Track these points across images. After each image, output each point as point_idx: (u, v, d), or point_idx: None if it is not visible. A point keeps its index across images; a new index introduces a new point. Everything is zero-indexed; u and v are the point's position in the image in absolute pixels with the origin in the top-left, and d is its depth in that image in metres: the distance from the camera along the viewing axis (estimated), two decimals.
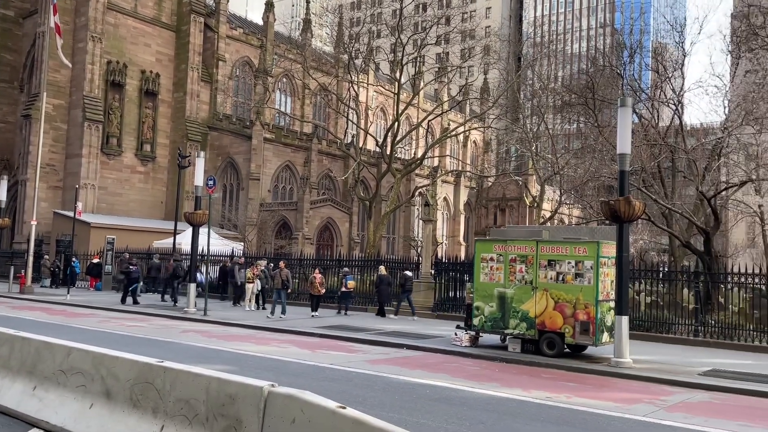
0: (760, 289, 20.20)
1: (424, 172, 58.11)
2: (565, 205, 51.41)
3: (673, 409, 9.41)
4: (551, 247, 14.17)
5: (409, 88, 50.16)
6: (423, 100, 63.80)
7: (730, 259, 51.32)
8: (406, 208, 55.73)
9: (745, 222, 54.60)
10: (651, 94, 31.46)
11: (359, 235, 51.07)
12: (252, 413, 5.12)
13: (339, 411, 4.58)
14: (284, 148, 51.57)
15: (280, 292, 20.79)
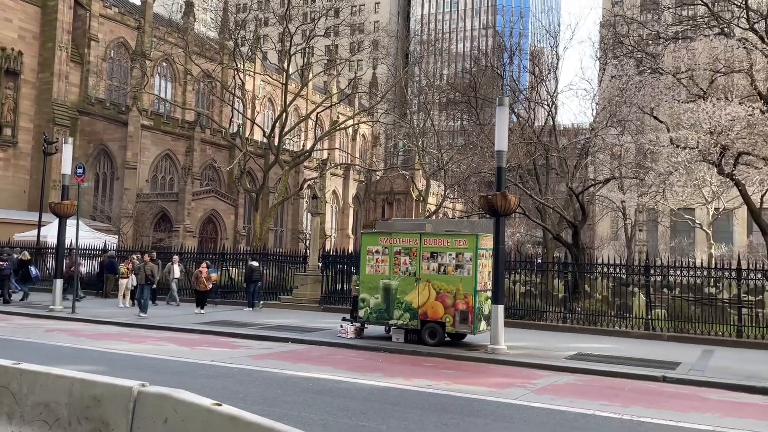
0: (621, 278, 22.06)
1: (313, 164, 57.77)
2: (449, 199, 53.25)
3: (541, 392, 10.03)
4: (434, 240, 14.59)
5: (297, 79, 49.55)
6: (312, 92, 63.30)
7: (596, 251, 55.51)
8: (294, 201, 55.14)
9: (609, 216, 59.32)
10: (528, 94, 33.29)
11: (245, 228, 49.86)
12: (120, 415, 4.85)
13: (214, 408, 4.44)
14: (164, 136, 49.08)
15: (144, 288, 19.57)
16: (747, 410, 9.31)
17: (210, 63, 49.04)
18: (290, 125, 43.53)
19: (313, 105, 51.26)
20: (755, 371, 12.14)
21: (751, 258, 36.43)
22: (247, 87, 50.07)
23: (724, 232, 64.48)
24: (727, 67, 24.93)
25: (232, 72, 44.23)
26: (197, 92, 56.24)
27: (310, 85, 55.61)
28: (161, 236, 42.76)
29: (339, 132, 59.62)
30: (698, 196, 42.96)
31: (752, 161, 23.48)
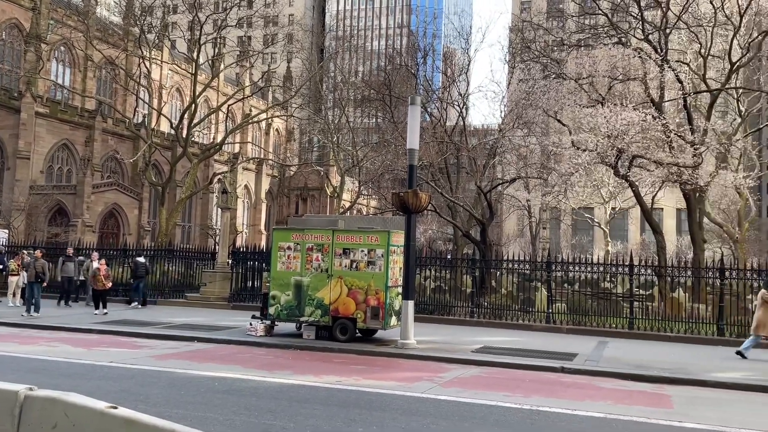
0: (525, 274, 22.98)
1: (224, 158, 56.22)
2: (364, 196, 53.48)
3: (448, 385, 10.27)
4: (346, 236, 14.59)
5: (208, 70, 48.00)
6: (223, 84, 61.54)
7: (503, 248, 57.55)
8: (203, 195, 53.47)
9: (516, 214, 61.71)
10: (441, 94, 33.98)
11: (150, 223, 47.83)
12: (5, 421, 4.53)
13: (109, 411, 4.22)
14: (61, 125, 46.17)
15: (33, 286, 18.26)
16: (636, 397, 9.95)
17: (113, 49, 46.47)
18: (200, 117, 42.11)
19: (225, 97, 49.84)
20: (644, 361, 13.01)
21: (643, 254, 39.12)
22: (154, 76, 48.08)
23: (620, 230, 68.76)
24: (624, 74, 26.50)
25: (138, 60, 42.23)
26: (99, 80, 53.26)
27: (221, 76, 54.04)
28: (57, 231, 40.23)
29: (251, 125, 58.40)
30: (597, 196, 45.55)
31: (645, 164, 25.10)
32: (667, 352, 14.73)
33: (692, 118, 25.23)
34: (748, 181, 30.22)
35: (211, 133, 55.20)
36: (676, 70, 24.64)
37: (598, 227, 54.19)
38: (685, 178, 22.93)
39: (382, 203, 39.96)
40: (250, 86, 48.45)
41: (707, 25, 24.56)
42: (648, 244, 52.64)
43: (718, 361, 13.65)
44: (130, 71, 44.33)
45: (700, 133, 24.29)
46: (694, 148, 23.22)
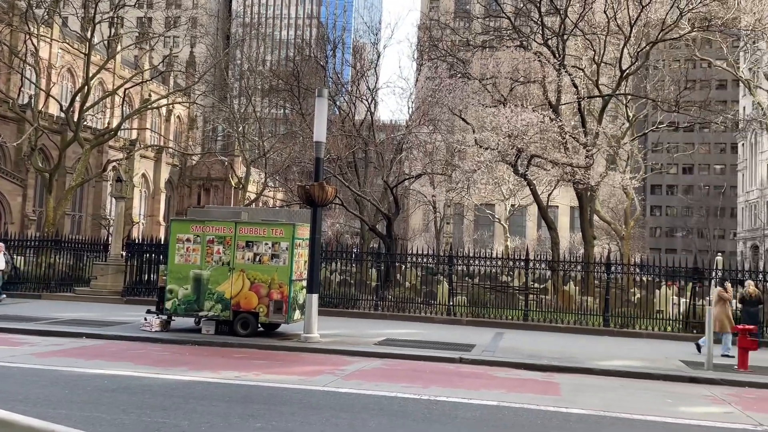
0: (430, 268, 23.48)
1: (120, 144, 53.31)
2: (270, 188, 52.57)
3: (350, 377, 10.30)
4: (250, 229, 14.26)
5: (103, 51, 45.25)
6: (120, 66, 58.27)
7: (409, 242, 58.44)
8: (96, 184, 50.46)
9: (421, 209, 62.84)
10: (350, 88, 33.95)
11: (36, 212, 44.58)
12: None
13: None
14: None
15: None
16: (528, 385, 10.41)
17: None
18: (94, 100, 39.64)
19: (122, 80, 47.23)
20: (537, 351, 13.65)
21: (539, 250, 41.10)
22: (42, 54, 44.71)
23: (518, 226, 71.81)
24: (524, 77, 27.64)
25: (24, 36, 39.09)
26: None
27: (118, 58, 51.17)
28: None
29: (151, 111, 55.72)
30: (498, 193, 47.31)
31: (542, 163, 26.33)
32: (557, 342, 15.53)
33: (585, 121, 26.72)
34: (634, 182, 32.41)
35: (106, 118, 52.10)
36: (572, 75, 26.00)
37: (499, 223, 56.34)
38: (578, 177, 24.27)
39: (289, 196, 39.42)
40: (149, 70, 46.07)
41: (601, 34, 26.04)
42: (544, 239, 55.29)
43: (603, 350, 14.55)
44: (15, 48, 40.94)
45: (593, 136, 25.77)
46: (587, 149, 24.62)
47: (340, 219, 53.72)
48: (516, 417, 8.09)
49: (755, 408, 9.43)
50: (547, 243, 35.44)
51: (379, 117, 45.25)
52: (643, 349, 14.99)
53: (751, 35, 32.58)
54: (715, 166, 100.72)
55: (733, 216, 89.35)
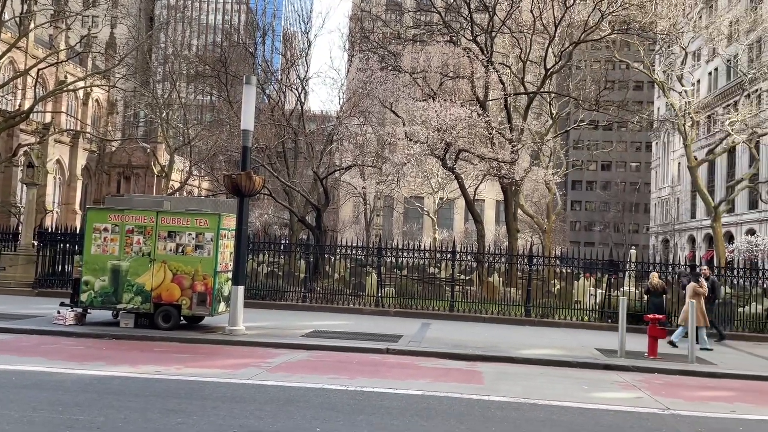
0: (359, 260, 23.51)
1: (32, 128, 50.21)
2: (195, 177, 51.07)
3: (275, 370, 10.17)
4: (172, 219, 13.79)
5: (14, 28, 42.44)
6: (34, 45, 54.82)
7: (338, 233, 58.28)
8: (5, 169, 47.35)
9: (352, 201, 62.83)
10: (280, 77, 33.41)
11: None
12: None
13: None
14: None
15: None
16: (452, 375, 10.62)
17: None
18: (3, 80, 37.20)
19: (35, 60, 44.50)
20: (462, 340, 13.94)
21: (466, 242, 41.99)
22: None
23: (446, 218, 73.13)
24: (454, 72, 28.06)
25: None
26: None
27: (30, 36, 48.13)
28: None
29: (67, 94, 52.73)
30: (427, 186, 47.96)
31: (470, 158, 26.87)
32: (482, 332, 15.92)
33: (511, 118, 27.44)
34: (556, 178, 33.64)
35: (17, 100, 48.96)
36: (500, 71, 26.61)
37: (428, 216, 57.13)
38: (504, 172, 24.94)
39: (215, 185, 38.46)
40: (65, 50, 43.59)
41: (527, 33, 26.78)
42: (471, 232, 56.53)
43: (525, 339, 15.02)
44: None
45: (518, 132, 26.52)
46: (512, 145, 25.31)
47: (269, 210, 52.93)
48: (440, 405, 8.23)
49: (663, 393, 10.00)
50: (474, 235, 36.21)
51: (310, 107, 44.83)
52: (561, 338, 15.61)
53: (666, 39, 34.40)
54: (631, 163, 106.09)
55: (647, 211, 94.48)
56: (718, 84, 63.79)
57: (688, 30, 37.11)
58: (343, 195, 57.08)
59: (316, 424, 7.00)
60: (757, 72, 35.63)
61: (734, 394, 10.42)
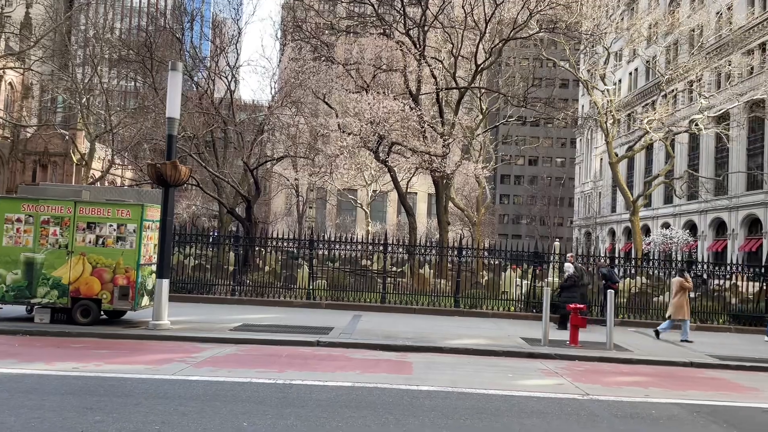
0: (292, 252, 23.25)
1: None
2: (118, 166, 49.00)
3: (201, 365, 9.91)
4: (92, 209, 13.17)
5: None
6: None
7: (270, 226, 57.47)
8: None
9: (284, 193, 62.06)
10: (209, 64, 32.47)
11: None
12: None
13: None
14: None
15: None
16: (382, 366, 10.68)
17: None
18: None
19: None
20: (392, 332, 14.04)
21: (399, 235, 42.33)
22: None
23: (379, 211, 73.46)
24: (387, 65, 28.13)
25: None
26: None
27: None
28: None
29: None
30: (360, 178, 47.95)
31: (402, 151, 27.04)
32: (412, 323, 16.09)
33: (443, 112, 27.79)
34: (486, 172, 34.31)
35: None
36: (432, 66, 26.88)
37: (361, 208, 57.19)
38: (435, 166, 25.25)
39: (140, 175, 36.98)
40: None
41: (459, 28, 27.15)
42: (403, 225, 57.01)
43: (454, 330, 15.29)
44: None
45: (449, 126, 26.90)
46: (444, 139, 25.65)
47: (197, 201, 51.52)
48: (369, 396, 8.25)
49: (583, 379, 10.42)
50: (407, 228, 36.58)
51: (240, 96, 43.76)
52: (489, 328, 15.99)
53: (590, 39, 35.73)
54: (557, 159, 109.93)
55: (571, 205, 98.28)
56: (638, 84, 66.98)
57: (611, 31, 38.69)
58: (274, 186, 56.28)
59: (244, 419, 6.87)
60: (673, 73, 37.58)
61: (648, 379, 10.99)
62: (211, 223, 52.52)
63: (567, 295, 16.50)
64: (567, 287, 16.74)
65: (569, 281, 16.78)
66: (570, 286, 16.71)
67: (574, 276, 16.95)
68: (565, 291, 16.71)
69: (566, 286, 16.78)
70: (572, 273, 17.02)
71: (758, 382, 11.19)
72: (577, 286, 16.94)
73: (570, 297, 16.34)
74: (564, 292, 16.71)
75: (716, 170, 52.88)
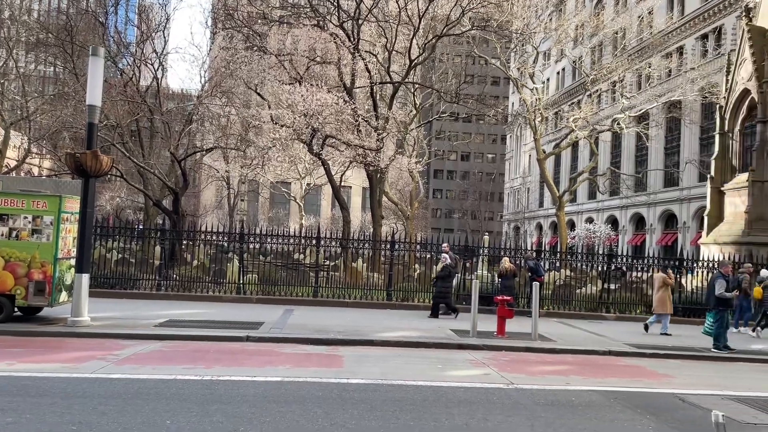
0: (222, 246, 22.74)
1: None
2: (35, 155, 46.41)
3: (124, 362, 9.55)
4: (4, 200, 12.43)
5: None
6: None
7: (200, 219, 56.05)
8: None
9: (215, 185, 60.64)
10: (134, 51, 31.22)
11: None
12: None
13: None
14: None
15: None
16: (313, 360, 10.62)
17: None
18: None
19: None
20: (324, 326, 13.98)
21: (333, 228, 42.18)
22: None
23: (314, 204, 73.02)
24: (321, 57, 27.89)
25: None
26: None
27: None
28: None
29: None
30: (294, 171, 47.45)
31: (336, 144, 26.89)
32: (345, 316, 16.08)
33: (377, 106, 27.84)
34: (419, 166, 34.71)
35: None
36: (366, 59, 26.85)
37: (294, 201, 56.66)
38: (369, 160, 25.29)
39: (58, 165, 35.21)
40: None
41: (393, 22, 27.24)
42: (337, 218, 56.93)
43: (386, 323, 15.39)
44: None
45: (383, 121, 26.97)
46: (378, 133, 25.71)
47: (122, 193, 49.58)
48: (299, 390, 8.19)
49: (508, 369, 10.71)
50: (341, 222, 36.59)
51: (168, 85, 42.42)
52: (420, 321, 16.19)
53: (521, 38, 36.65)
54: (488, 155, 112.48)
55: (501, 200, 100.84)
56: (565, 83, 69.38)
57: (540, 31, 39.83)
58: (204, 178, 54.89)
59: (167, 416, 6.66)
60: (597, 74, 39.10)
61: (569, 367, 11.42)
62: (137, 215, 50.68)
63: (442, 285, 16.87)
64: (443, 277, 16.99)
65: (445, 271, 17.01)
66: (446, 275, 16.99)
67: (449, 266, 17.26)
68: (441, 281, 17.00)
69: (442, 276, 17.01)
70: (449, 263, 17.33)
71: (671, 369, 11.84)
72: (452, 276, 17.32)
73: (446, 286, 16.79)
74: (440, 282, 17.01)
75: (636, 168, 55.53)
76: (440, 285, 17.02)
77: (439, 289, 17.05)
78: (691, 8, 49.06)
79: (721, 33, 45.45)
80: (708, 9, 46.86)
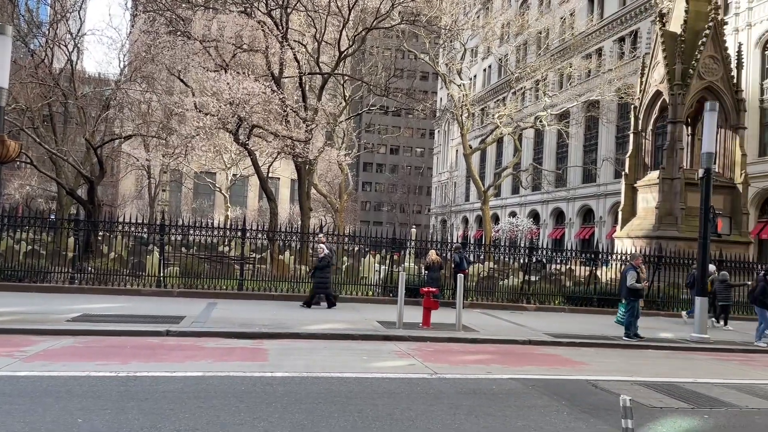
0: (142, 237, 21.86)
1: None
2: None
3: (32, 359, 9.02)
4: None
5: None
6: None
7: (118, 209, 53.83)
8: None
9: (134, 174, 58.29)
10: (47, 31, 29.46)
11: None
12: None
13: None
14: None
15: None
16: (236, 353, 10.40)
17: None
18: None
19: None
20: (249, 319, 13.72)
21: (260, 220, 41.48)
22: None
23: (240, 196, 71.59)
24: (249, 45, 27.23)
25: None
26: None
27: None
28: None
29: None
30: (219, 161, 46.31)
31: (264, 134, 26.39)
32: (271, 309, 15.85)
33: (306, 97, 27.52)
34: (348, 159, 34.65)
35: None
36: (295, 49, 26.46)
37: (220, 192, 55.28)
38: (298, 151, 24.97)
39: None
40: None
41: (322, 13, 26.96)
42: (265, 210, 56.00)
43: (312, 315, 15.29)
44: None
45: (312, 112, 26.70)
46: (307, 124, 25.41)
47: (32, 181, 46.83)
48: (221, 385, 7.99)
49: (432, 359, 10.87)
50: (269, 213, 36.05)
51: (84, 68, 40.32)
52: (347, 313, 16.18)
53: (449, 35, 37.19)
54: (417, 149, 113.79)
55: (429, 194, 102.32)
56: (491, 80, 71.06)
57: (468, 28, 40.55)
58: (123, 167, 52.65)
59: (79, 415, 6.34)
60: (522, 72, 40.26)
61: (491, 356, 11.73)
62: (49, 205, 48.06)
63: (321, 275, 16.95)
64: (321, 267, 17.07)
65: (323, 261, 17.06)
66: (325, 266, 17.10)
67: (327, 256, 17.40)
68: (320, 271, 17.03)
69: (321, 266, 17.08)
70: (327, 253, 17.43)
71: (586, 357, 12.38)
72: (330, 266, 17.49)
73: (324, 277, 16.86)
74: (318, 272, 17.06)
75: (557, 164, 57.68)
76: (319, 275, 16.92)
77: (318, 279, 16.96)
78: (610, 11, 51.32)
79: (637, 36, 47.84)
80: (626, 13, 49.17)
